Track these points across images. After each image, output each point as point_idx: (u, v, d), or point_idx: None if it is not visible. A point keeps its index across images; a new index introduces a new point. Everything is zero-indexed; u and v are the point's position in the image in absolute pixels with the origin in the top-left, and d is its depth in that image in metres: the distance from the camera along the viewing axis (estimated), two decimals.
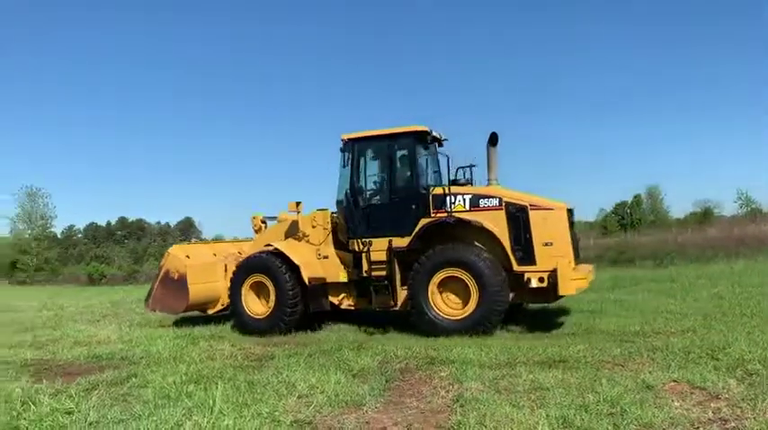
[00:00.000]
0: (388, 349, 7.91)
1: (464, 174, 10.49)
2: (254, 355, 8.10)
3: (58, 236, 78.65)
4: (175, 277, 11.43)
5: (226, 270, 11.67)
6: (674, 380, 5.72)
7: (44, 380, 6.75)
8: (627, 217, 56.05)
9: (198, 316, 11.99)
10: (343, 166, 10.51)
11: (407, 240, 9.87)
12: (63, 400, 5.69)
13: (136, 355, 8.30)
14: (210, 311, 12.04)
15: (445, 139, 11.20)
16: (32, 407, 5.44)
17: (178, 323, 11.42)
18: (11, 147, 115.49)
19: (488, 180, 10.31)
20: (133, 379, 6.74)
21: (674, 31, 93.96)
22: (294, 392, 5.83)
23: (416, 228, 9.82)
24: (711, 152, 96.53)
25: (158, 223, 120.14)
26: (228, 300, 11.04)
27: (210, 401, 5.36)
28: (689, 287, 13.94)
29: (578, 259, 10.03)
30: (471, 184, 10.39)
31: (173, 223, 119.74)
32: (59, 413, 5.26)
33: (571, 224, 9.83)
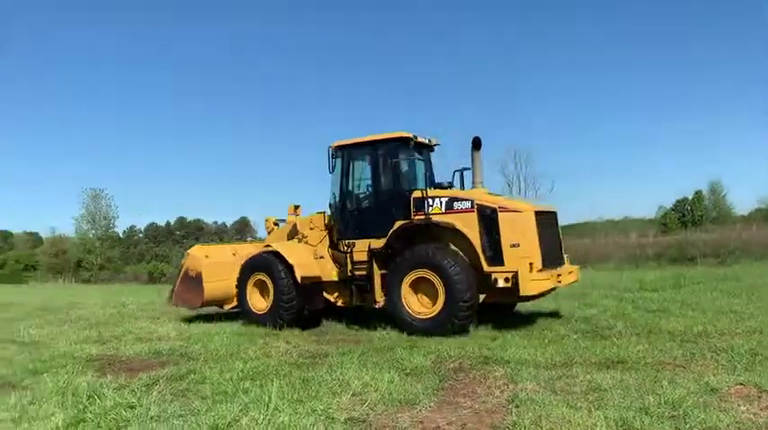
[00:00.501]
0: (442, 348, 7.88)
1: (460, 176, 10.94)
2: (308, 353, 8.18)
3: (120, 236, 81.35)
4: (193, 275, 12.28)
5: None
6: (740, 383, 5.51)
7: (108, 375, 7.00)
8: (688, 214, 54.36)
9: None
10: (330, 172, 11.14)
11: (383, 241, 10.36)
12: (126, 395, 5.88)
13: (194, 352, 8.49)
14: (227, 307, 12.71)
15: (436, 144, 11.64)
16: (97, 400, 5.64)
17: (234, 321, 11.64)
18: (76, 149, 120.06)
19: (473, 183, 10.71)
20: (192, 375, 6.90)
21: (732, 26, 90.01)
22: (348, 390, 5.86)
23: (391, 230, 10.26)
24: None
25: (215, 223, 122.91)
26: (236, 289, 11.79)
27: (266, 397, 5.44)
28: (754, 286, 13.39)
29: (561, 260, 10.43)
30: (461, 187, 10.85)
31: (229, 223, 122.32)
32: (123, 407, 5.43)
33: (554, 226, 10.41)
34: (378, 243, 10.46)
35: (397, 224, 10.24)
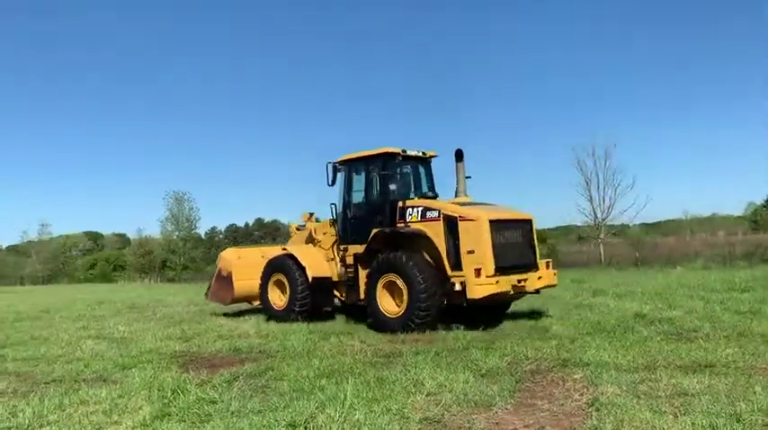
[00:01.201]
0: (518, 350, 7.74)
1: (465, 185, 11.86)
2: (382, 352, 8.22)
3: (202, 236, 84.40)
4: (225, 275, 13.75)
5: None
6: None
7: (191, 371, 7.25)
8: None
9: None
10: (329, 185, 12.24)
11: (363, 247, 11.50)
12: (208, 390, 6.08)
13: (272, 349, 8.69)
14: (255, 303, 14.00)
15: (432, 156, 12.54)
16: (181, 395, 5.85)
17: (310, 319, 11.85)
18: (161, 153, 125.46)
19: (456, 192, 11.79)
20: (270, 371, 7.06)
21: None
22: (422, 390, 5.84)
23: (369, 237, 11.26)
24: None
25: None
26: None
27: (342, 395, 5.49)
28: None
29: (530, 266, 10.89)
30: (452, 197, 11.77)
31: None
32: (205, 402, 5.61)
33: (524, 234, 10.98)
34: (360, 248, 11.56)
35: (374, 232, 11.20)
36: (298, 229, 14.33)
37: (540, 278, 10.87)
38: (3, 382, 6.98)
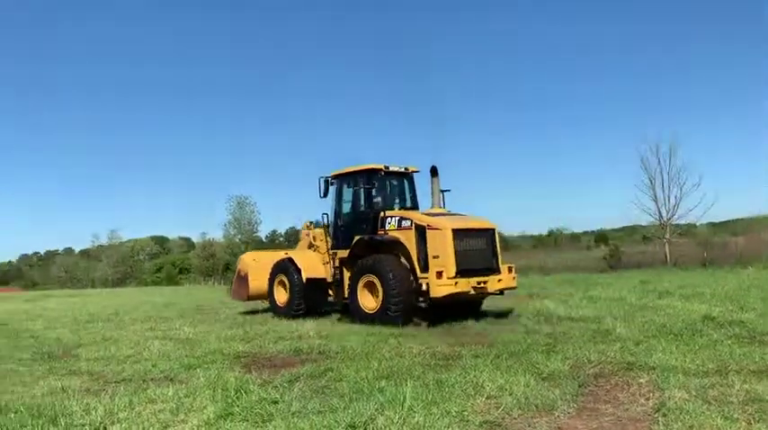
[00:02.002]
0: (580, 353, 7.57)
1: (441, 196, 13.47)
2: (441, 354, 8.18)
3: (263, 239, 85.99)
4: (243, 275, 15.58)
5: None
6: None
7: (253, 371, 7.41)
8: None
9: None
10: (321, 197, 13.71)
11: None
12: (270, 390, 6.18)
13: (332, 350, 8.77)
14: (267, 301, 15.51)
15: (414, 171, 13.94)
16: (244, 395, 5.97)
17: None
18: (224, 159, 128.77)
19: (432, 203, 13.43)
20: (330, 372, 7.13)
21: None
22: (482, 393, 5.78)
23: (351, 243, 12.87)
24: None
25: None
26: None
27: (401, 397, 5.48)
28: None
29: (492, 269, 12.13)
30: (442, 205, 13.42)
31: None
32: (267, 402, 5.71)
33: (486, 241, 12.27)
34: (346, 253, 13.08)
35: (356, 238, 12.80)
36: (308, 234, 15.69)
37: (499, 280, 12.11)
38: (77, 381, 7.29)
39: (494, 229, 12.57)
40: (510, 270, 12.47)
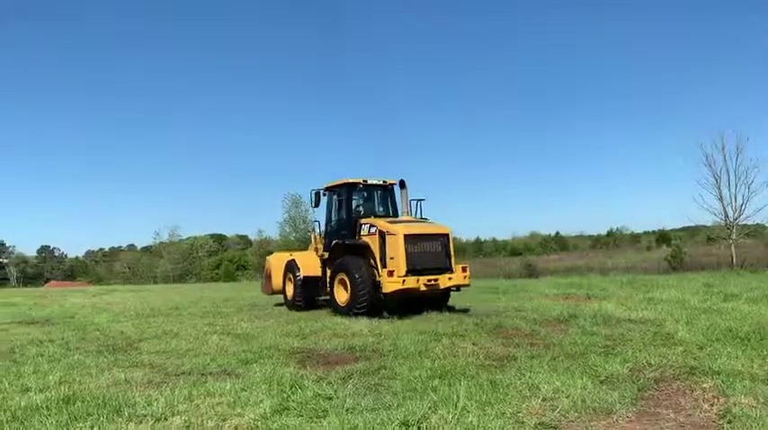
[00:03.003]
0: (640, 356, 7.36)
1: (417, 204, 15.45)
2: (495, 355, 8.08)
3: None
4: (269, 273, 17.98)
5: None
6: None
7: (308, 367, 7.50)
8: None
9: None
10: (313, 207, 16.11)
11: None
12: (324, 387, 6.25)
13: (385, 348, 8.79)
14: None
15: (392, 183, 15.77)
16: (299, 390, 6.06)
17: (421, 321, 11.91)
18: (280, 158, 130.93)
19: (401, 212, 15.62)
20: (383, 370, 7.15)
21: None
22: (538, 394, 5.69)
23: (331, 247, 15.16)
24: None
25: None
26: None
27: (454, 397, 5.46)
28: None
29: (444, 268, 13.75)
30: (417, 213, 15.30)
31: None
32: (321, 398, 5.77)
33: (439, 244, 13.94)
34: (326, 255, 15.45)
35: (333, 243, 15.02)
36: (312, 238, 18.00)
37: (450, 279, 13.74)
38: (139, 373, 7.53)
39: (447, 234, 14.29)
40: (464, 269, 14.07)
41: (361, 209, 15.34)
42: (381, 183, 15.71)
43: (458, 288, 14.10)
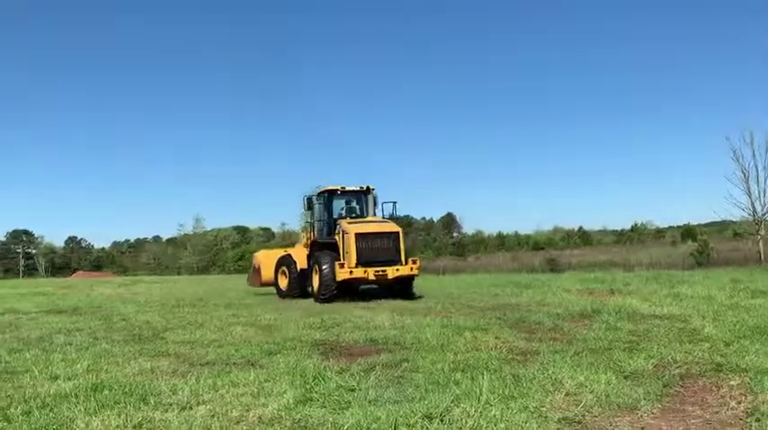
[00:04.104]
0: (665, 352, 7.27)
1: (392, 207, 18.51)
2: (517, 349, 8.04)
3: None
4: (257, 267, 20.78)
5: None
6: None
7: (330, 359, 7.54)
8: None
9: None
10: (306, 210, 19.01)
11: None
12: (347, 378, 6.27)
13: (407, 341, 8.79)
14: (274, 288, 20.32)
15: (369, 188, 18.53)
16: (322, 382, 6.09)
17: (445, 314, 11.91)
18: (300, 151, 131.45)
19: (367, 214, 18.42)
20: (405, 363, 7.15)
21: None
22: (561, 389, 5.65)
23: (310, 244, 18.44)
24: None
25: (423, 219, 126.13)
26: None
27: (477, 391, 5.45)
28: None
29: (393, 262, 16.48)
30: (392, 214, 18.41)
31: (436, 218, 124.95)
32: (344, 390, 5.80)
33: (390, 241, 16.70)
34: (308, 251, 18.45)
35: (311, 240, 18.41)
36: (304, 236, 20.45)
37: (397, 270, 16.30)
38: (165, 362, 7.64)
39: (398, 232, 16.98)
40: (414, 262, 16.79)
41: (342, 211, 18.54)
42: (357, 189, 18.64)
43: (410, 278, 16.73)
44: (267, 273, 19.93)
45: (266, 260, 20.42)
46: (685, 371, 6.40)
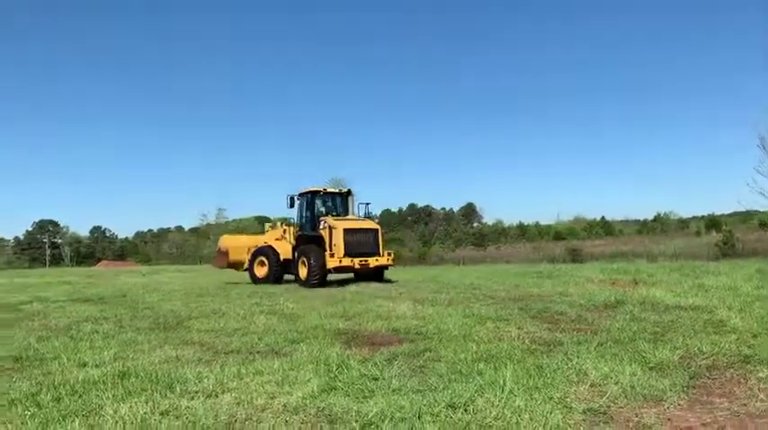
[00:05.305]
0: (691, 343, 7.18)
1: (366, 207, 21.83)
2: (540, 340, 8.00)
3: None
4: (224, 251, 23.66)
5: (248, 251, 22.84)
6: None
7: (353, 348, 7.57)
8: None
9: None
10: (289, 207, 21.60)
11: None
12: (370, 367, 6.30)
13: (429, 331, 8.79)
14: (240, 270, 23.86)
15: (347, 191, 22.66)
16: (345, 371, 6.13)
17: (466, 305, 11.88)
18: (322, 142, 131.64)
19: (349, 213, 21.76)
20: (428, 353, 7.15)
21: None
22: (586, 380, 5.62)
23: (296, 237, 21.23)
24: None
25: (443, 209, 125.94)
26: (247, 265, 22.57)
27: (501, 381, 5.43)
28: None
29: (373, 253, 20.06)
30: (365, 214, 21.62)
31: (456, 208, 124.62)
32: (367, 378, 5.82)
33: (371, 236, 20.22)
34: (293, 243, 21.24)
35: (298, 234, 21.11)
36: (271, 228, 23.66)
37: (377, 260, 19.92)
38: (189, 350, 7.73)
39: (377, 229, 20.45)
40: (389, 254, 20.53)
41: (322, 209, 21.35)
42: (338, 191, 22.37)
43: (386, 267, 20.54)
44: (234, 255, 23.29)
45: (234, 245, 23.73)
46: (712, 363, 6.32)
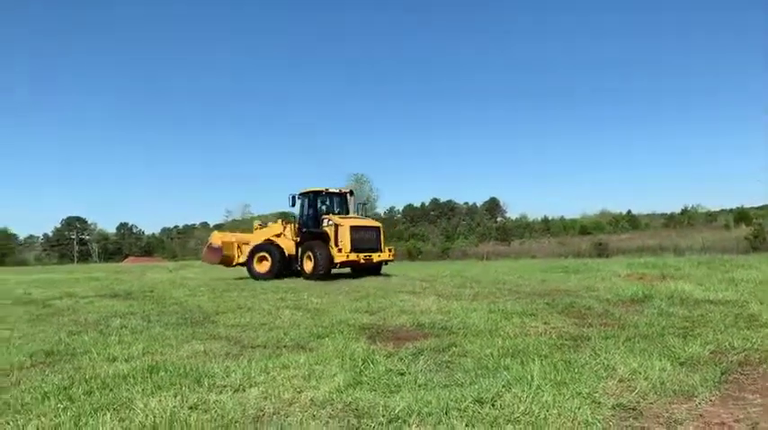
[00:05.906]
0: (722, 338, 7.05)
1: (363, 206, 24.15)
2: (567, 335, 7.92)
3: (382, 215, 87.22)
4: (216, 247, 23.71)
5: (238, 247, 23.83)
6: None
7: (378, 343, 7.56)
8: None
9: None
10: (291, 206, 22.73)
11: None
12: (395, 362, 6.29)
13: (454, 326, 8.76)
14: (230, 266, 24.35)
15: (348, 191, 23.93)
16: (371, 365, 6.13)
17: (491, 299, 11.82)
18: (344, 138, 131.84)
19: (350, 212, 23.23)
20: (453, 348, 7.12)
21: None
22: (614, 376, 5.55)
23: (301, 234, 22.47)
24: None
25: (466, 203, 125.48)
26: (239, 260, 23.58)
27: (528, 376, 5.40)
28: None
29: (376, 249, 21.53)
30: (362, 213, 23.80)
31: (479, 203, 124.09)
32: (393, 373, 5.82)
33: (374, 233, 21.68)
34: (297, 239, 22.49)
35: (302, 231, 22.26)
36: (260, 226, 24.69)
37: (379, 256, 21.40)
38: (217, 345, 7.80)
39: (379, 227, 21.93)
40: (390, 250, 22.05)
41: (324, 208, 22.70)
42: (338, 191, 23.43)
43: (386, 262, 22.21)
44: (227, 252, 23.69)
45: (227, 241, 24.13)
46: (744, 358, 6.21)
